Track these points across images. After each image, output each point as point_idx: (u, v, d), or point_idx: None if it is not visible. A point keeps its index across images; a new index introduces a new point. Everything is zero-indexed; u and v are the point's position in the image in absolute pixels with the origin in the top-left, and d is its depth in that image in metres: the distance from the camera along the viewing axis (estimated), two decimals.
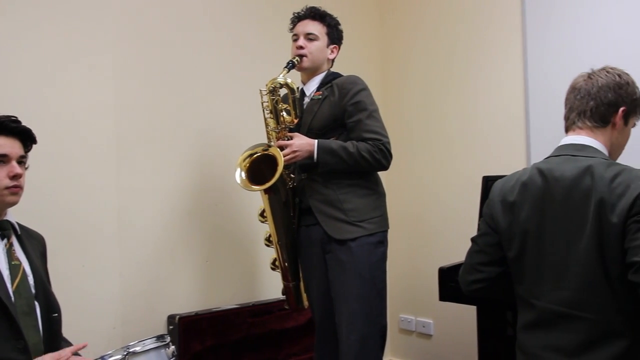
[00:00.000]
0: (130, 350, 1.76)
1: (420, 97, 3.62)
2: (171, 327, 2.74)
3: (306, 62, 2.50)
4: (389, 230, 2.52)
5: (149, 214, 2.78)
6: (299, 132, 2.44)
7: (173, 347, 1.85)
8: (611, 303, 1.57)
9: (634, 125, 1.75)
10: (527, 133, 3.04)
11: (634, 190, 1.52)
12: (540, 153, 1.90)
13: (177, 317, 2.73)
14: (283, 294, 2.65)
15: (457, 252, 2.17)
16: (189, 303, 2.88)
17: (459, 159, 3.40)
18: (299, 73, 2.59)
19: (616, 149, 1.75)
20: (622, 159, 1.75)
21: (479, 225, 1.89)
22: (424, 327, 3.60)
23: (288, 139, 2.40)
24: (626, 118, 1.71)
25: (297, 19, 2.57)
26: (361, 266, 2.36)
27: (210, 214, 2.99)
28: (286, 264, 2.54)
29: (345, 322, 2.37)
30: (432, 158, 3.55)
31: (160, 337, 1.84)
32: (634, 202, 1.51)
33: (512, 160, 3.07)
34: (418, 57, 3.63)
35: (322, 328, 2.55)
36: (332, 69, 2.60)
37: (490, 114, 3.25)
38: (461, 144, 3.39)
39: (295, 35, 2.55)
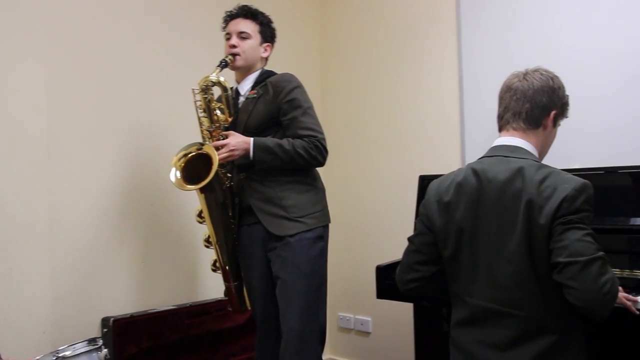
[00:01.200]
0: (60, 354, 1.71)
1: (358, 96, 3.65)
2: (105, 330, 2.67)
3: (239, 61, 2.47)
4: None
5: (81, 214, 2.70)
6: (235, 131, 2.41)
7: (106, 350, 1.81)
8: (540, 300, 1.62)
9: (559, 125, 1.81)
10: (462, 133, 3.11)
11: (561, 193, 1.57)
12: (475, 153, 1.94)
13: (112, 319, 2.66)
14: (225, 295, 2.61)
15: (394, 250, 2.20)
16: (124, 305, 2.81)
17: (396, 158, 3.44)
18: (232, 72, 2.56)
19: (545, 149, 1.81)
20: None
21: (415, 224, 1.91)
22: (362, 325, 3.63)
23: (223, 138, 2.38)
24: (555, 120, 1.77)
25: (229, 17, 2.54)
26: (300, 261, 2.36)
27: (146, 214, 2.92)
28: (227, 264, 2.51)
29: (285, 317, 2.37)
30: (370, 157, 3.59)
31: (91, 341, 1.79)
32: (560, 204, 1.56)
33: (447, 160, 3.13)
34: (356, 56, 3.65)
35: (263, 327, 2.53)
36: (266, 68, 2.58)
37: (426, 114, 3.30)
38: (398, 144, 3.43)
39: (227, 34, 2.51)
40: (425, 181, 2.65)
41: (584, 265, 1.51)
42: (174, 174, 2.35)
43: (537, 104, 1.74)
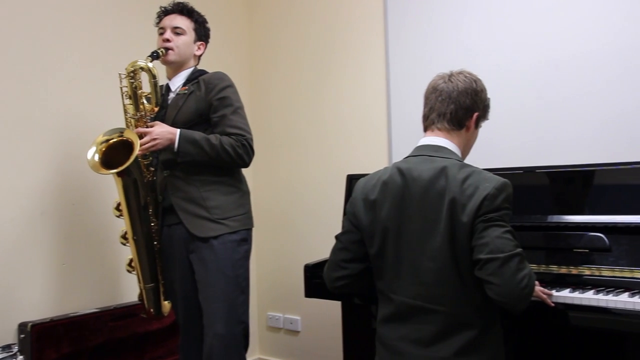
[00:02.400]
0: None
1: (286, 97, 3.64)
2: (22, 335, 2.54)
3: (172, 56, 2.43)
4: (256, 229, 2.50)
5: None
6: None
7: (21, 357, 1.72)
8: (462, 296, 1.65)
9: (481, 126, 1.87)
10: (389, 132, 3.14)
11: (482, 191, 1.62)
12: (401, 152, 1.97)
13: (30, 324, 2.53)
14: (139, 299, 2.50)
15: (322, 249, 2.20)
16: (43, 309, 2.68)
17: (325, 158, 3.45)
18: (165, 69, 2.51)
19: (467, 149, 1.86)
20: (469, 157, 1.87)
21: (343, 222, 1.92)
22: (291, 323, 3.62)
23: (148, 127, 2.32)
24: (477, 122, 1.82)
25: (164, 13, 2.51)
26: (224, 264, 2.33)
27: (66, 215, 2.80)
28: (142, 263, 2.41)
29: (208, 321, 2.33)
30: (299, 157, 3.58)
31: (6, 347, 1.70)
32: (481, 203, 1.61)
33: (374, 160, 3.16)
34: (285, 57, 3.65)
35: (186, 329, 2.48)
36: (198, 67, 2.54)
37: (354, 115, 3.33)
38: (327, 144, 3.45)
39: (161, 28, 2.47)
40: (353, 180, 2.67)
41: (504, 262, 1.56)
42: (92, 155, 2.24)
43: (460, 106, 1.78)
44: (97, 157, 2.25)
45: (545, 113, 2.64)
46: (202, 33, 2.54)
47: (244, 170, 2.52)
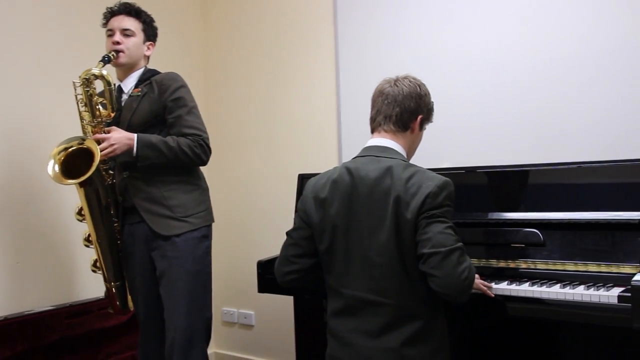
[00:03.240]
0: None
1: (240, 97, 3.65)
2: None
3: (123, 58, 2.41)
4: (212, 227, 2.53)
5: None
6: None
7: None
8: (408, 290, 1.72)
9: (425, 129, 1.94)
10: (339, 133, 3.20)
11: (425, 190, 1.69)
12: (351, 152, 2.02)
13: None
14: (106, 296, 2.53)
15: (274, 245, 2.23)
16: None
17: (277, 157, 3.48)
18: (114, 69, 2.50)
19: (412, 149, 1.93)
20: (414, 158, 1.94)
21: (294, 219, 1.97)
22: (245, 318, 3.65)
23: (106, 133, 2.31)
24: (421, 124, 1.89)
25: (111, 14, 2.47)
26: (187, 260, 2.35)
27: (20, 213, 2.77)
28: (108, 264, 2.43)
29: (171, 316, 2.35)
30: (252, 157, 3.60)
31: None
32: (424, 200, 1.68)
33: (325, 159, 3.20)
34: (239, 57, 3.65)
35: (146, 326, 2.49)
36: (148, 66, 2.53)
37: (305, 116, 3.36)
38: (279, 144, 3.47)
39: (110, 30, 2.44)
40: (304, 179, 2.71)
41: (445, 255, 1.64)
42: (52, 167, 2.23)
43: (405, 109, 1.84)
44: (57, 168, 2.24)
45: (487, 116, 2.73)
46: (151, 33, 2.52)
47: (201, 168, 2.53)
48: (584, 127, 2.50)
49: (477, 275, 1.90)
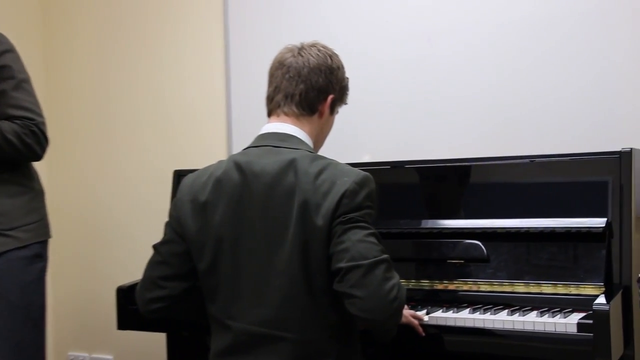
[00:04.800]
0: None
1: (92, 73, 3.61)
2: None
3: None
4: (53, 241, 2.49)
5: None
6: None
7: None
8: (315, 319, 1.73)
9: (337, 112, 1.95)
10: (228, 117, 3.21)
11: (340, 187, 1.69)
12: (243, 142, 2.00)
13: None
14: None
15: (140, 265, 2.18)
16: None
17: (144, 150, 3.47)
18: None
19: (321, 139, 1.94)
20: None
21: (164, 230, 1.93)
22: None
23: None
24: (333, 106, 1.91)
25: None
26: (10, 289, 2.28)
27: None
28: None
29: None
30: (109, 150, 3.57)
31: None
32: (339, 201, 1.68)
33: (209, 151, 3.18)
34: (89, 20, 3.60)
35: None
36: None
37: (181, 95, 3.37)
38: (147, 132, 3.46)
39: None
40: (181, 177, 2.67)
41: (368, 270, 1.64)
42: None
43: (312, 86, 1.85)
44: None
45: (418, 98, 2.79)
46: None
47: (36, 165, 2.48)
48: (539, 114, 2.60)
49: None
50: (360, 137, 2.84)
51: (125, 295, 2.51)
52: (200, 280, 1.85)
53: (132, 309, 2.44)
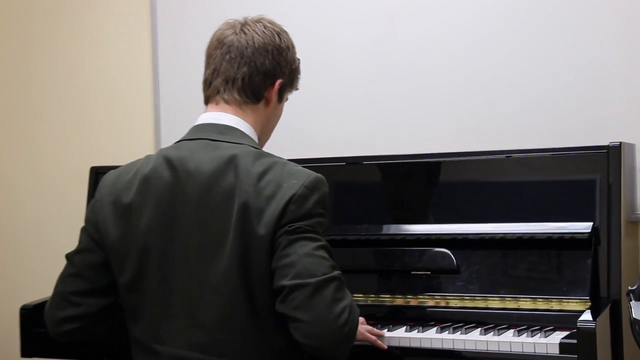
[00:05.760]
0: None
1: (10, 60, 3.56)
2: None
3: None
4: None
5: None
6: None
7: None
8: (258, 343, 1.73)
9: (287, 100, 1.96)
10: (156, 104, 3.20)
11: (287, 191, 1.69)
12: (174, 134, 2.00)
13: None
14: None
15: (50, 280, 2.15)
16: None
17: (54, 144, 3.45)
18: None
19: (267, 131, 1.94)
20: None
21: (80, 237, 1.91)
22: None
23: None
24: (281, 93, 1.90)
25: None
26: None
27: None
28: None
29: None
30: (11, 145, 3.54)
31: None
32: (285, 207, 1.68)
33: (133, 145, 3.18)
34: (5, 12, 3.56)
35: None
36: None
37: (99, 77, 3.35)
38: (57, 123, 3.45)
39: None
40: (99, 175, 2.65)
41: (315, 289, 1.64)
42: None
43: (257, 69, 1.84)
44: None
45: (379, 87, 2.81)
46: None
47: None
48: (518, 105, 2.63)
49: (362, 320, 1.94)
50: (311, 129, 2.83)
51: (30, 316, 2.48)
52: (121, 297, 1.83)
53: (39, 331, 2.41)
